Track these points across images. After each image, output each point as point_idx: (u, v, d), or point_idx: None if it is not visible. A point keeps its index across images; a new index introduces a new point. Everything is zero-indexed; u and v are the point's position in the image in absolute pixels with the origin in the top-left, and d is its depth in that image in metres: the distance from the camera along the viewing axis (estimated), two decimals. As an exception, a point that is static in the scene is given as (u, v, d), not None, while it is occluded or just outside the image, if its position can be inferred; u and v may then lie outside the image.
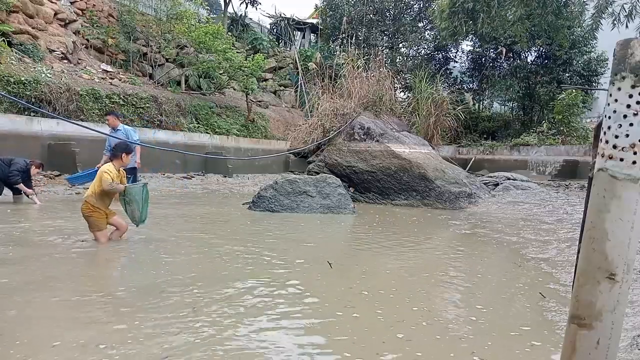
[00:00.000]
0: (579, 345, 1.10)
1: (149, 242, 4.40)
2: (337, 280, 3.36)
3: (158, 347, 2.05)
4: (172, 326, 2.30)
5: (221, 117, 16.20)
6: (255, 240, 4.75)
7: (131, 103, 12.56)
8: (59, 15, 13.39)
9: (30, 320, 2.34)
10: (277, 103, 20.95)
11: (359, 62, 10.88)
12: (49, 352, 1.98)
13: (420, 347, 2.19)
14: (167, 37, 15.98)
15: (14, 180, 6.46)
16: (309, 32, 27.03)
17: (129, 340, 2.11)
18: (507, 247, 4.89)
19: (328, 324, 2.47)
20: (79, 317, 2.41)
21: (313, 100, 11.62)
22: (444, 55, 21.83)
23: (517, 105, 20.92)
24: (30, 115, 9.87)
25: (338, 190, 7.33)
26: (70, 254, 3.78)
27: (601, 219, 1.07)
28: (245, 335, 2.26)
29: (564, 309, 2.76)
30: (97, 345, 2.04)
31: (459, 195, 8.40)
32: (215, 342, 2.14)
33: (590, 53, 18.16)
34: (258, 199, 7.13)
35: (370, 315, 2.61)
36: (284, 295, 2.90)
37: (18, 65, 10.55)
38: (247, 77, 16.16)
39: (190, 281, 3.09)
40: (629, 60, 1.05)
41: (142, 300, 2.70)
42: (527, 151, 16.86)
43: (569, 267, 3.88)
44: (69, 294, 2.78)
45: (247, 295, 2.87)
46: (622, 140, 1.05)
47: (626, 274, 1.06)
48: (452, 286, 3.35)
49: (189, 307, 2.59)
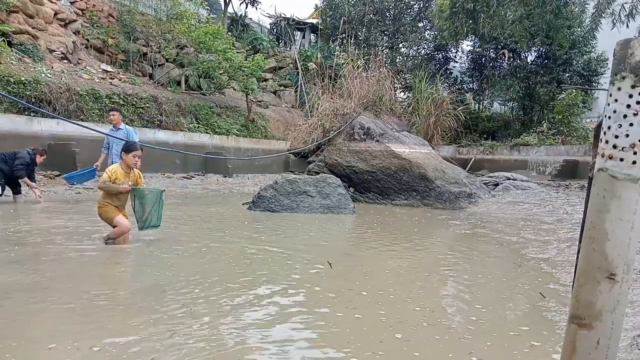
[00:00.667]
0: (579, 345, 1.10)
1: (148, 243, 4.40)
2: (337, 280, 3.36)
3: (151, 349, 2.05)
4: (166, 327, 2.30)
5: (221, 117, 16.20)
6: (255, 240, 4.75)
7: (131, 103, 12.57)
8: (59, 15, 13.39)
9: (27, 320, 2.33)
10: (277, 103, 20.95)
11: (359, 62, 10.88)
12: (44, 355, 1.98)
13: (418, 347, 2.19)
14: (167, 37, 15.98)
15: (19, 174, 6.37)
16: (309, 32, 27.03)
17: (125, 342, 2.11)
18: (507, 247, 4.89)
19: (328, 324, 2.46)
20: (78, 319, 2.41)
21: (313, 100, 11.62)
22: (444, 55, 21.82)
23: (517, 105, 20.92)
24: (30, 115, 9.87)
25: (338, 190, 7.33)
26: (70, 255, 3.78)
27: (601, 219, 1.07)
28: (243, 332, 2.26)
29: (564, 309, 2.76)
30: (90, 348, 2.04)
31: (459, 195, 8.40)
32: (213, 340, 2.14)
33: (590, 53, 18.16)
34: (258, 199, 7.13)
35: (370, 316, 2.61)
36: (284, 295, 2.90)
37: (18, 65, 10.55)
38: (247, 77, 16.16)
39: (191, 281, 3.09)
40: (629, 60, 1.04)
41: (141, 301, 2.70)
42: (527, 151, 16.86)
43: (569, 267, 3.88)
44: (69, 295, 2.78)
45: (247, 295, 2.86)
46: (622, 140, 1.05)
47: (626, 274, 1.06)
48: (452, 286, 3.35)
49: (189, 307, 2.59)
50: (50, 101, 10.42)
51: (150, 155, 11.40)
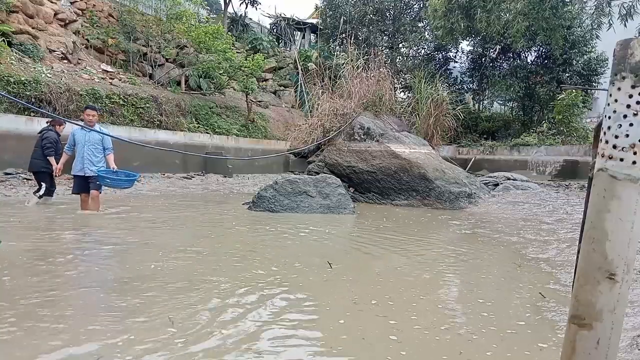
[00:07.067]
0: (579, 346, 1.10)
1: (149, 242, 4.39)
2: (337, 280, 3.36)
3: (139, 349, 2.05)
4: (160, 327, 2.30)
5: (221, 117, 16.20)
6: (255, 240, 4.75)
7: (131, 103, 12.57)
8: (59, 15, 13.40)
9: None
10: (277, 103, 20.95)
11: (359, 62, 10.88)
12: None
13: (418, 347, 2.19)
14: (167, 37, 15.98)
15: (48, 152, 6.44)
16: (309, 32, 27.03)
17: (112, 345, 2.11)
18: (507, 247, 4.89)
19: (328, 324, 2.46)
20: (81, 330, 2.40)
21: (313, 100, 11.62)
22: (443, 56, 21.80)
23: (517, 105, 20.90)
24: (30, 115, 9.87)
25: (338, 190, 7.33)
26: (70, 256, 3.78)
27: (601, 219, 1.07)
28: (241, 330, 2.26)
29: (564, 309, 2.76)
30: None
31: (459, 195, 8.40)
32: (209, 337, 2.14)
33: (590, 53, 18.15)
34: (258, 199, 7.13)
35: (370, 315, 2.61)
36: (283, 295, 2.90)
37: (18, 65, 10.55)
38: (247, 77, 16.17)
39: (191, 281, 3.09)
40: (629, 60, 1.05)
41: (137, 298, 2.70)
42: (527, 151, 16.85)
43: (569, 267, 3.88)
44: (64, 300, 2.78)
45: (247, 295, 2.86)
46: (622, 140, 1.05)
47: (626, 274, 1.06)
48: (451, 286, 3.35)
49: (188, 307, 2.59)
50: (50, 101, 10.42)
51: (151, 155, 11.43)
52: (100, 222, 5.48)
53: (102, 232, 4.84)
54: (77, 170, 6.05)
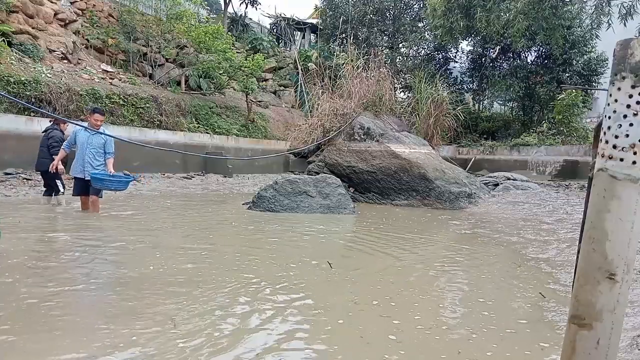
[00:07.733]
0: (579, 346, 1.10)
1: (148, 243, 4.40)
2: (337, 280, 3.36)
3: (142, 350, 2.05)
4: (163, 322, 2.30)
5: (221, 117, 16.21)
6: (255, 240, 4.75)
7: (131, 103, 12.57)
8: (59, 15, 13.40)
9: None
10: (277, 103, 20.95)
11: (358, 62, 10.88)
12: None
13: (418, 347, 2.19)
14: (167, 37, 15.99)
15: (53, 151, 6.42)
16: (309, 32, 27.03)
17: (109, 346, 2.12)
18: (507, 247, 4.89)
19: (326, 324, 2.46)
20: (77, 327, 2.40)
21: (313, 100, 11.61)
22: (443, 56, 21.79)
23: (517, 105, 20.90)
24: (30, 115, 9.87)
25: (338, 190, 7.33)
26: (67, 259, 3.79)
27: (601, 219, 1.07)
28: (242, 330, 2.26)
29: (564, 309, 2.76)
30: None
31: (459, 195, 8.40)
32: (210, 338, 2.14)
33: (590, 53, 18.15)
34: (258, 199, 7.13)
35: (370, 315, 2.61)
36: (284, 295, 2.90)
37: (18, 65, 10.55)
38: (247, 77, 16.17)
39: (191, 282, 3.09)
40: (629, 60, 1.04)
41: (137, 299, 2.70)
42: (527, 151, 16.85)
43: (569, 267, 3.88)
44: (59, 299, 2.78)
45: (247, 295, 2.87)
46: (622, 140, 1.05)
47: (626, 274, 1.06)
48: (451, 286, 3.35)
49: (188, 307, 2.59)
50: (50, 101, 10.43)
51: (151, 155, 11.43)
52: (100, 223, 5.48)
53: (102, 232, 4.84)
54: (77, 172, 6.04)
